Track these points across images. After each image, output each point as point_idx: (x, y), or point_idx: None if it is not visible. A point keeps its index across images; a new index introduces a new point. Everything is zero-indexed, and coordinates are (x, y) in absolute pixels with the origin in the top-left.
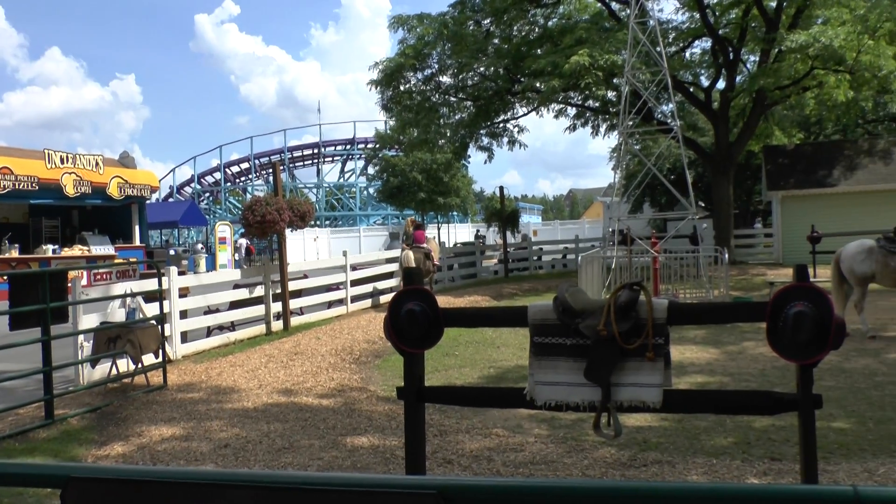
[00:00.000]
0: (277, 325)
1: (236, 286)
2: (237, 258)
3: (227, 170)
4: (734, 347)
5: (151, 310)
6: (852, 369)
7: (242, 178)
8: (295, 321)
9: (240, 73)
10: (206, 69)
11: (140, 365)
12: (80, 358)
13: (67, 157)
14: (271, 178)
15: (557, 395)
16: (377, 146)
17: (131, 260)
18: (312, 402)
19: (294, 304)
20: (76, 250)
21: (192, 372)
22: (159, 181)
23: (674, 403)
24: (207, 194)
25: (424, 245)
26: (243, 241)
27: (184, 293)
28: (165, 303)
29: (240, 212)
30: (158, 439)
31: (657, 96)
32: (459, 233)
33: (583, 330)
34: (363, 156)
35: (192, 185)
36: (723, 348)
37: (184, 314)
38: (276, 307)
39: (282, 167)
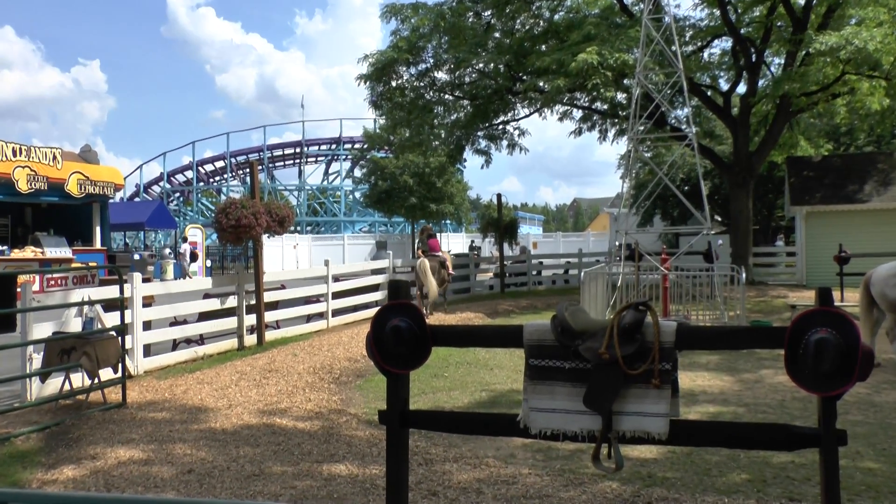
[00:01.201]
0: (251, 340)
1: (206, 296)
2: (183, 263)
3: (199, 168)
4: (751, 375)
5: (111, 320)
6: (883, 403)
7: (217, 178)
8: (270, 335)
9: (216, 62)
10: (179, 57)
11: (97, 380)
12: (28, 371)
13: (21, 149)
14: (248, 179)
15: (554, 423)
16: (365, 146)
17: (90, 264)
18: (287, 425)
19: (269, 316)
20: (28, 252)
21: (155, 389)
22: (124, 178)
23: (681, 435)
24: (178, 194)
25: (439, 254)
26: (187, 246)
27: (148, 302)
28: (127, 312)
29: (212, 214)
30: (114, 463)
31: (671, 100)
32: (453, 243)
33: (583, 352)
34: (350, 157)
35: (161, 183)
36: (738, 376)
37: (147, 325)
38: (250, 320)
39: (260, 167)
